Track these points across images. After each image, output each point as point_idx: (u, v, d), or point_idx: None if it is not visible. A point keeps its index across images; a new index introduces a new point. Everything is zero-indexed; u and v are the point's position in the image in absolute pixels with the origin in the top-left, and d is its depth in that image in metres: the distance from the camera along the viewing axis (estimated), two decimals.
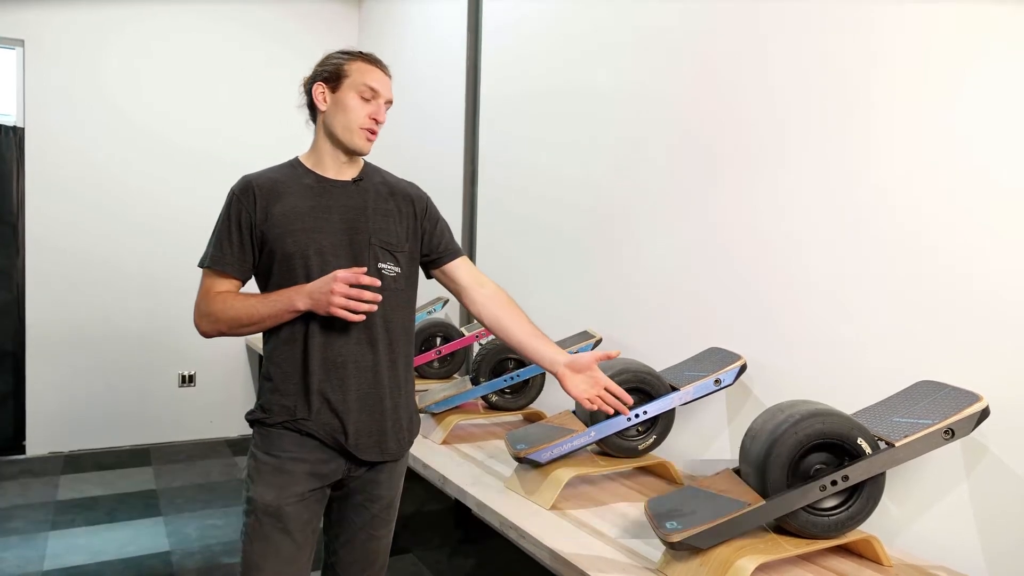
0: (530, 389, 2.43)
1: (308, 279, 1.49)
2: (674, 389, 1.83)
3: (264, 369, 1.56)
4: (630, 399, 1.50)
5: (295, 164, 1.61)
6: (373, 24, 4.54)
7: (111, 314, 4.13)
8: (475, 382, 2.37)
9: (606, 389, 1.49)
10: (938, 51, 1.49)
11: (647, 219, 2.26)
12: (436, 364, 2.88)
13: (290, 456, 1.48)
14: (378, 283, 1.45)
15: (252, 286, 1.56)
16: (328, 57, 1.60)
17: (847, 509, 1.36)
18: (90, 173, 4.10)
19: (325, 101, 1.56)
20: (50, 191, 4.03)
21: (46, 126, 4.01)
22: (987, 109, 1.42)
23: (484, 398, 2.40)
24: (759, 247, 1.89)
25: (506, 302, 1.65)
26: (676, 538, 1.31)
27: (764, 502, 1.32)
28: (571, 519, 1.66)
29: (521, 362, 2.38)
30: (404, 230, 1.62)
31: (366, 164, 1.65)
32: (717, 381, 1.82)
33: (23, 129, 3.97)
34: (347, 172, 1.60)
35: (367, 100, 1.55)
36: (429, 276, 1.72)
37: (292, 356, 1.51)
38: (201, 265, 1.56)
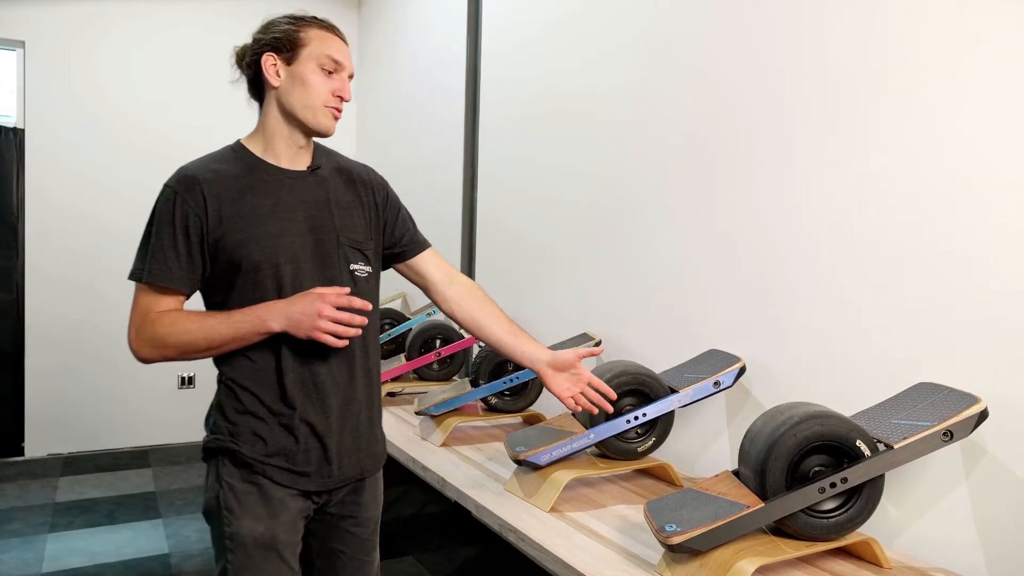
0: (529, 391, 2.43)
1: (279, 291, 1.31)
2: (673, 391, 1.83)
3: (225, 387, 1.36)
4: (614, 394, 1.46)
5: (239, 151, 1.38)
6: (373, 26, 4.54)
7: (111, 315, 4.12)
8: (474, 384, 2.37)
9: (589, 385, 1.44)
10: (937, 52, 1.50)
11: (646, 221, 2.26)
12: (435, 366, 2.88)
13: (273, 481, 1.33)
14: (369, 307, 1.31)
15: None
16: (274, 23, 1.37)
17: (846, 511, 1.36)
18: (90, 174, 4.11)
19: (278, 75, 1.34)
20: (50, 192, 4.03)
21: (46, 127, 4.02)
22: (986, 111, 1.42)
23: (483, 400, 2.40)
24: (758, 249, 1.89)
25: (481, 298, 1.54)
26: (675, 540, 1.31)
27: (763, 504, 1.32)
28: (570, 521, 1.66)
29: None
30: (367, 222, 1.45)
31: (317, 147, 1.46)
32: (716, 383, 1.82)
33: (23, 130, 3.98)
34: (301, 159, 1.40)
35: (330, 73, 1.36)
36: (387, 268, 1.56)
37: (264, 377, 1.33)
38: (135, 279, 1.32)
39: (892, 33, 1.58)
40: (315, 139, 1.46)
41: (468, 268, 3.27)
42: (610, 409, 1.48)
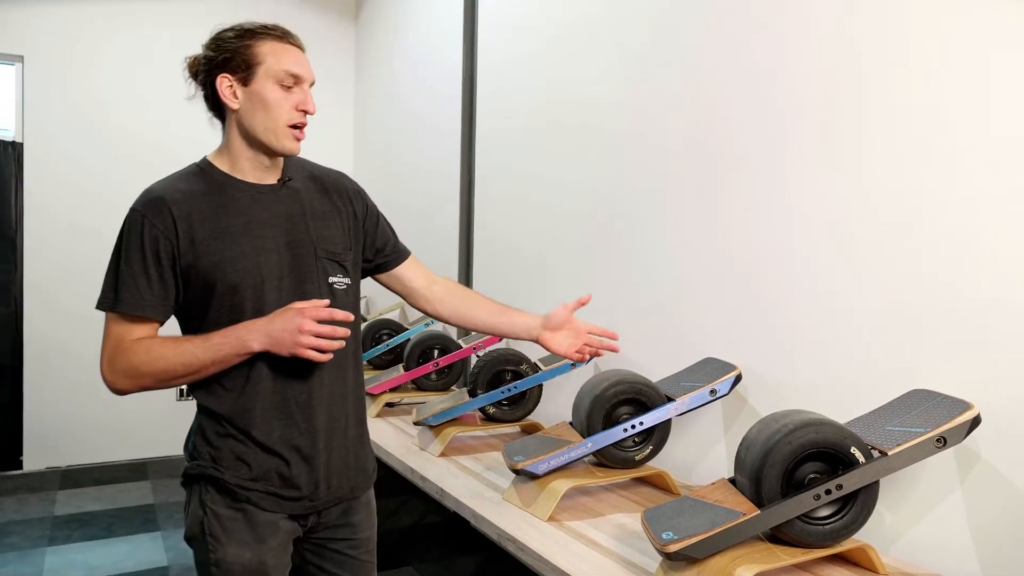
0: (527, 401, 2.44)
1: (258, 311, 1.26)
2: (670, 400, 1.84)
3: (204, 411, 1.32)
4: (616, 335, 1.46)
5: (207, 168, 1.33)
6: (370, 35, 4.57)
7: None
8: (472, 394, 2.38)
9: (590, 333, 1.44)
10: (926, 58, 1.52)
11: (642, 232, 2.28)
12: (434, 376, 2.89)
13: (260, 507, 1.30)
14: (351, 317, 1.28)
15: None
16: (222, 39, 1.28)
17: (842, 518, 1.37)
18: (89, 187, 4.13)
19: (236, 97, 1.28)
20: (49, 205, 4.05)
21: (45, 141, 4.04)
22: (977, 117, 1.44)
23: (482, 410, 2.40)
24: (754, 259, 1.91)
25: (461, 291, 1.54)
26: (672, 548, 1.31)
27: (759, 512, 1.33)
28: (568, 530, 1.66)
29: (518, 374, 2.39)
30: (345, 233, 1.40)
31: (287, 158, 1.40)
32: (713, 391, 1.83)
33: (22, 144, 4.00)
34: (271, 174, 1.35)
35: (290, 88, 1.28)
36: (365, 278, 1.52)
37: (243, 400, 1.28)
38: (104, 308, 1.26)
39: (880, 41, 1.60)
40: None
41: (465, 277, 3.29)
42: (617, 349, 1.45)
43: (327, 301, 1.27)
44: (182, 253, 1.25)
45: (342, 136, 4.77)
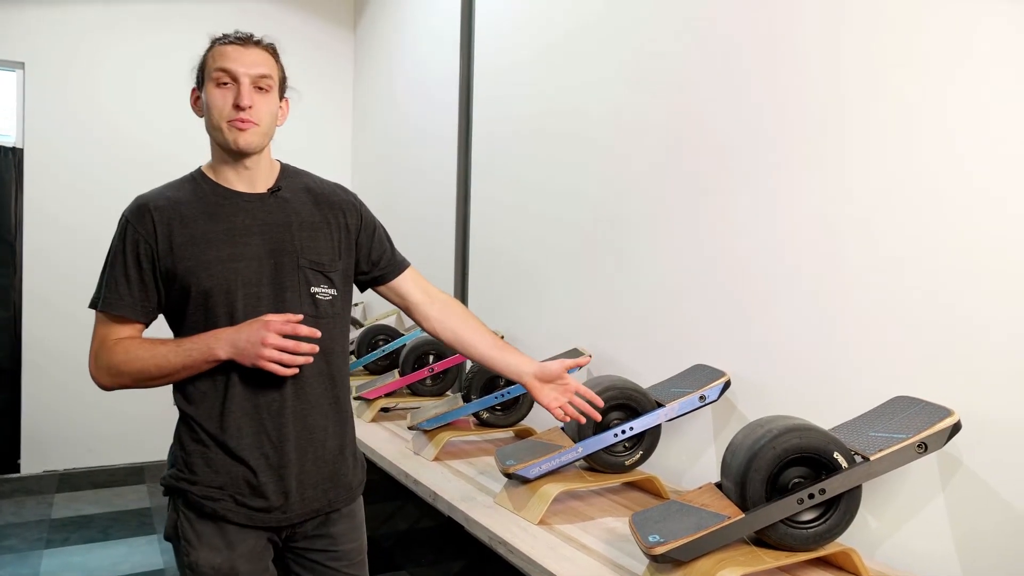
0: (520, 406, 2.47)
1: (232, 318, 1.29)
2: (660, 405, 1.86)
3: (180, 415, 1.35)
4: (601, 402, 1.46)
5: (198, 178, 1.37)
6: (369, 44, 4.61)
7: None
8: (466, 399, 2.40)
9: (577, 394, 1.43)
10: (907, 71, 1.55)
11: (635, 240, 2.31)
12: (428, 382, 2.91)
13: (228, 521, 1.32)
14: (318, 334, 1.28)
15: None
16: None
17: (825, 522, 1.39)
18: (88, 193, 4.16)
19: (199, 107, 1.36)
20: (48, 211, 4.08)
21: (45, 146, 4.07)
22: (961, 128, 1.47)
23: (475, 415, 2.43)
24: (742, 267, 1.93)
25: (463, 315, 1.53)
26: (658, 551, 1.34)
27: (744, 515, 1.36)
28: (559, 533, 1.69)
29: (512, 380, 2.41)
30: (335, 244, 1.41)
31: (284, 168, 1.44)
32: (702, 397, 1.86)
33: (22, 150, 4.03)
34: (259, 181, 1.37)
35: (226, 85, 1.30)
36: (364, 290, 1.55)
37: (213, 406, 1.31)
38: (91, 307, 1.33)
39: (861, 57, 1.63)
40: (282, 160, 1.45)
41: (461, 284, 3.31)
42: (598, 417, 1.46)
43: (300, 316, 1.28)
44: (161, 257, 1.29)
45: (340, 142, 4.81)
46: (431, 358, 2.90)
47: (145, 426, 4.30)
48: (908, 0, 1.54)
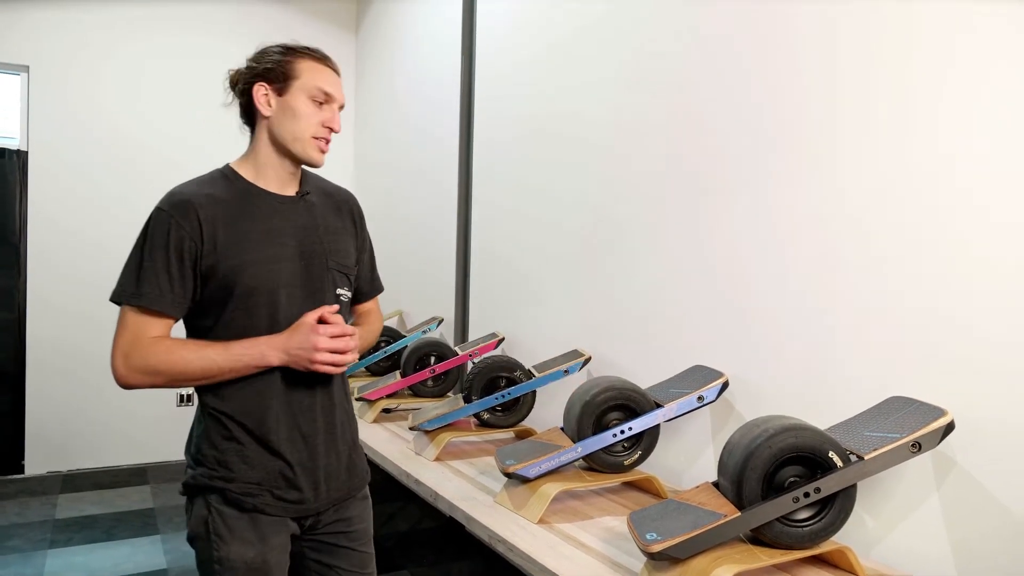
0: (521, 407, 2.48)
1: (272, 317, 1.33)
2: (658, 406, 1.88)
3: (211, 416, 1.36)
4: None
5: (230, 176, 1.39)
6: (370, 47, 4.64)
7: (110, 335, 4.17)
8: (467, 400, 2.42)
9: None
10: (904, 75, 1.57)
11: (634, 242, 2.33)
12: (430, 383, 2.93)
13: (265, 513, 1.36)
14: (357, 330, 1.36)
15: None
16: (267, 52, 1.39)
17: (820, 520, 1.41)
18: (92, 196, 4.18)
19: (269, 105, 1.37)
20: (52, 213, 4.11)
21: (49, 149, 4.10)
22: (955, 131, 1.48)
23: (476, 416, 2.45)
24: (740, 269, 1.95)
25: (367, 321, 1.62)
26: (656, 549, 1.36)
27: (740, 514, 1.37)
28: (558, 532, 1.71)
29: (513, 380, 2.43)
30: (353, 248, 1.49)
31: (304, 173, 1.48)
32: (700, 398, 1.87)
33: (27, 152, 4.06)
34: (290, 185, 1.42)
35: (320, 104, 1.38)
36: None
37: (253, 405, 1.34)
38: (121, 301, 1.30)
39: (856, 59, 1.65)
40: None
41: (462, 286, 3.33)
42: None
43: (336, 307, 1.36)
44: (204, 254, 1.30)
45: (342, 146, 4.83)
46: (432, 359, 2.92)
47: (149, 427, 4.33)
48: (902, 4, 1.57)
